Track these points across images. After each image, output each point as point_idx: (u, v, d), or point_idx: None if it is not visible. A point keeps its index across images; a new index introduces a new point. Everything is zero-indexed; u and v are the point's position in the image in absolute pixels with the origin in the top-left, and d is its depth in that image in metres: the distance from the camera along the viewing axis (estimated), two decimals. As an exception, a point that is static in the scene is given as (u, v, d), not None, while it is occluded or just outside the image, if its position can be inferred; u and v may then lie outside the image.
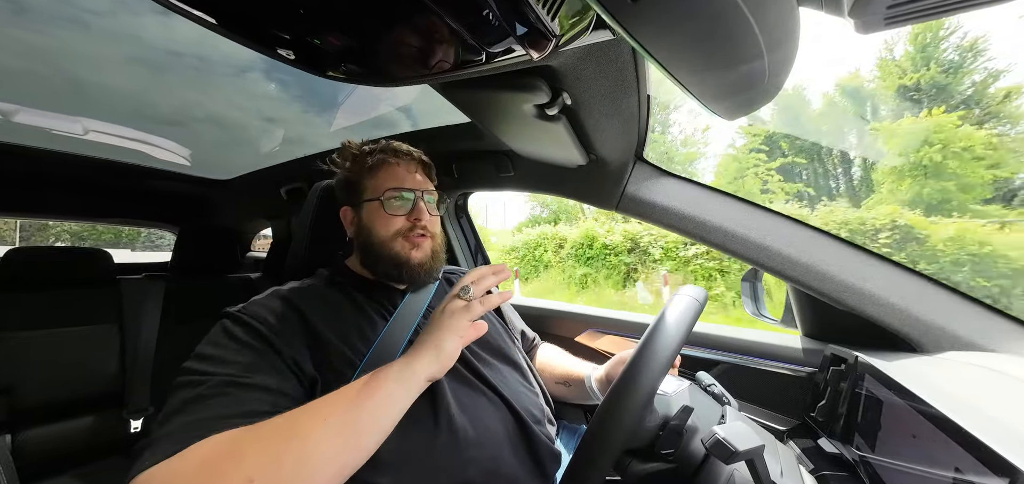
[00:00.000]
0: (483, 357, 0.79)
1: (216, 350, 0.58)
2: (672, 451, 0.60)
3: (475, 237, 1.73)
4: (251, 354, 0.58)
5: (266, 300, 0.68)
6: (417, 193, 0.79)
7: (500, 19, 0.43)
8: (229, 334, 0.60)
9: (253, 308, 0.65)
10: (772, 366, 0.98)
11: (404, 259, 0.76)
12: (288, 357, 0.60)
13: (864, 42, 19.11)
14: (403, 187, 0.78)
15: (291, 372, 0.59)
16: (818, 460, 0.74)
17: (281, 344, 0.60)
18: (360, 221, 0.79)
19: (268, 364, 0.58)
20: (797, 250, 0.85)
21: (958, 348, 0.72)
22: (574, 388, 0.91)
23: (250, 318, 0.62)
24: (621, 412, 0.52)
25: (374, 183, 0.78)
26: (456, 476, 0.62)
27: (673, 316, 0.59)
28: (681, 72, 0.43)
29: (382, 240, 0.76)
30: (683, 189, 0.97)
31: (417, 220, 0.77)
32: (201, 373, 0.54)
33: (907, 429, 0.55)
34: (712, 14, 0.35)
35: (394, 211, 0.76)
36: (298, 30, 0.49)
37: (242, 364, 0.56)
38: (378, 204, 0.76)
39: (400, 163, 0.81)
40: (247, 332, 0.60)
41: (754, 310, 1.07)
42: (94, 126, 1.43)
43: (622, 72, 0.68)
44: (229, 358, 0.56)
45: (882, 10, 0.35)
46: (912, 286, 0.78)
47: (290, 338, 0.62)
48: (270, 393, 0.54)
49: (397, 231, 0.76)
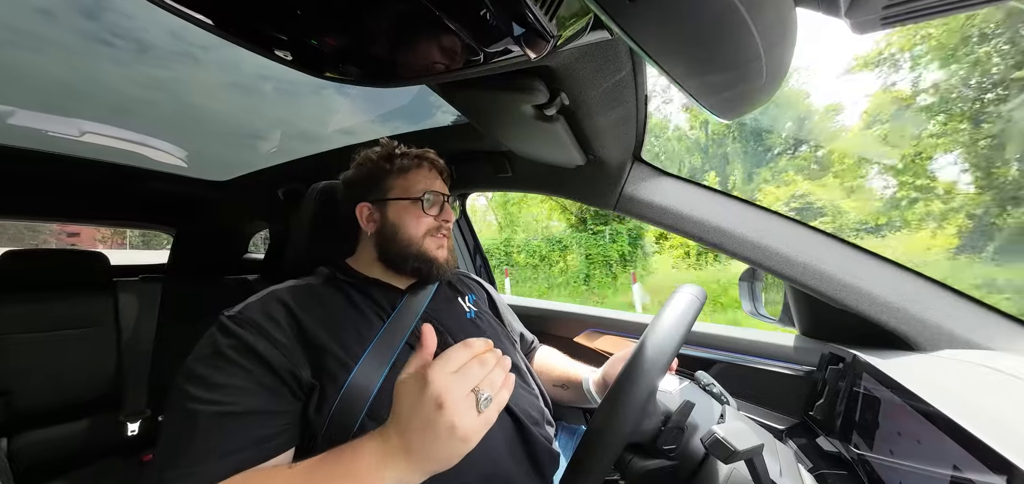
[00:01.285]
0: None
1: (207, 370, 0.57)
2: (673, 447, 0.60)
3: (474, 238, 1.73)
4: (241, 376, 0.57)
5: (261, 303, 0.67)
6: (446, 196, 0.86)
7: (498, 19, 0.43)
8: (219, 353, 0.59)
9: (247, 314, 0.64)
10: (770, 365, 0.99)
11: (432, 257, 0.81)
12: (281, 367, 0.59)
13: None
14: (438, 191, 0.84)
15: (284, 384, 0.59)
16: (816, 459, 0.74)
17: (273, 354, 0.60)
18: (384, 218, 0.82)
19: (257, 383, 0.57)
20: (794, 249, 0.85)
21: (955, 346, 0.72)
22: (572, 391, 0.91)
23: (242, 329, 0.61)
24: (621, 411, 0.53)
25: (405, 183, 0.83)
26: (454, 478, 0.61)
27: (672, 315, 0.59)
28: (679, 72, 0.43)
29: (411, 238, 0.80)
30: (681, 189, 0.97)
31: (446, 220, 0.84)
32: (193, 399, 0.54)
33: (905, 427, 0.56)
34: (710, 14, 0.35)
35: (428, 211, 0.82)
36: (295, 31, 0.49)
37: (233, 389, 0.55)
38: (412, 203, 0.81)
39: (433, 168, 0.87)
40: (237, 348, 0.59)
41: (752, 309, 1.07)
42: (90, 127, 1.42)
43: (620, 72, 0.68)
44: (220, 382, 0.56)
45: (878, 11, 0.35)
46: (909, 285, 0.79)
47: (284, 345, 0.61)
48: (261, 417, 0.55)
49: (428, 230, 0.82)
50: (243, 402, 0.55)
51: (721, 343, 1.07)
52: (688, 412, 0.60)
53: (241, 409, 0.54)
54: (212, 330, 0.63)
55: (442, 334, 0.78)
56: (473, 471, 0.63)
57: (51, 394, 1.49)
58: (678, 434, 0.60)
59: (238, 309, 0.65)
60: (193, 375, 0.57)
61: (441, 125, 1.25)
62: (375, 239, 0.82)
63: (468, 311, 0.89)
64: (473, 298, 0.94)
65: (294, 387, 0.60)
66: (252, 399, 0.56)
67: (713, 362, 1.07)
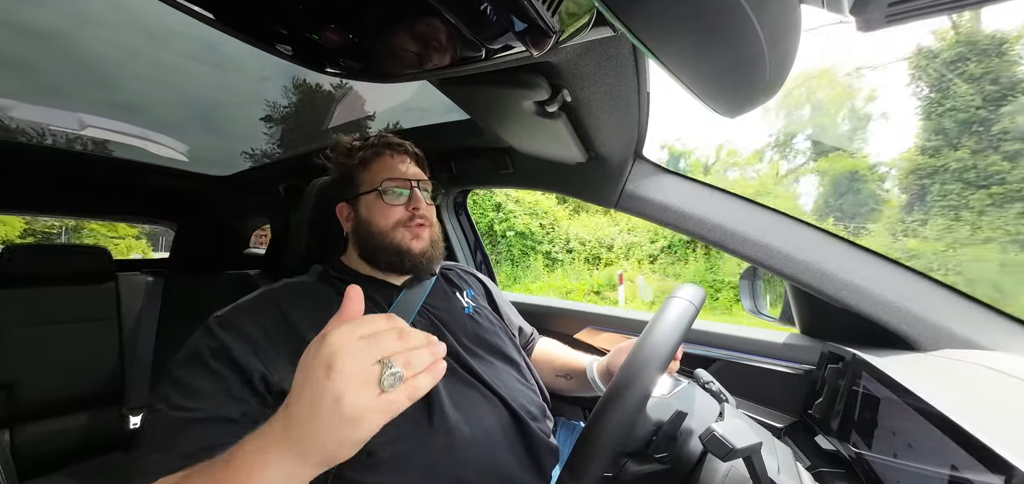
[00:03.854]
0: (478, 354, 0.79)
1: (184, 374, 0.58)
2: (666, 455, 0.60)
3: (474, 234, 1.73)
4: (212, 382, 0.57)
5: (251, 303, 0.67)
6: (413, 183, 0.80)
7: (500, 15, 0.42)
8: (198, 357, 0.59)
9: (233, 317, 0.64)
10: (770, 363, 0.99)
11: (405, 248, 0.77)
12: (255, 374, 0.59)
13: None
14: (400, 177, 0.79)
15: (254, 393, 0.58)
16: (815, 457, 0.74)
17: (250, 361, 0.59)
18: (358, 214, 0.80)
19: (226, 391, 0.57)
20: (795, 248, 0.85)
21: (955, 346, 0.72)
22: (576, 380, 0.91)
23: (225, 332, 0.61)
24: (619, 409, 0.53)
25: (369, 176, 0.80)
26: (452, 475, 0.62)
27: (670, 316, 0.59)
28: (681, 69, 0.43)
29: (382, 230, 0.77)
30: (682, 187, 0.97)
31: (416, 209, 0.78)
32: (169, 405, 0.55)
33: (904, 426, 0.56)
34: (713, 10, 0.35)
35: (392, 201, 0.78)
36: (297, 26, 0.49)
37: (202, 395, 0.56)
38: (376, 195, 0.78)
39: (394, 155, 0.82)
40: (216, 353, 0.59)
41: (753, 307, 1.07)
42: (92, 122, 1.42)
43: (622, 69, 0.68)
44: (196, 387, 0.56)
45: (883, 8, 0.35)
46: (909, 284, 0.79)
47: (264, 350, 0.61)
48: (222, 424, 0.54)
49: (397, 221, 0.78)
50: (208, 409, 0.55)
51: (721, 341, 1.08)
52: (680, 422, 0.61)
53: (204, 416, 0.54)
54: (200, 331, 0.63)
55: (440, 329, 0.78)
56: (470, 465, 0.63)
57: (54, 387, 1.50)
58: (670, 442, 0.60)
59: (226, 311, 0.66)
60: (173, 377, 0.58)
61: (441, 121, 1.25)
62: (354, 237, 0.81)
63: (466, 306, 0.88)
64: (471, 293, 0.94)
65: (264, 394, 0.59)
66: (217, 406, 0.55)
67: (713, 360, 1.07)
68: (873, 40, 17.06)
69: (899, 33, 9.97)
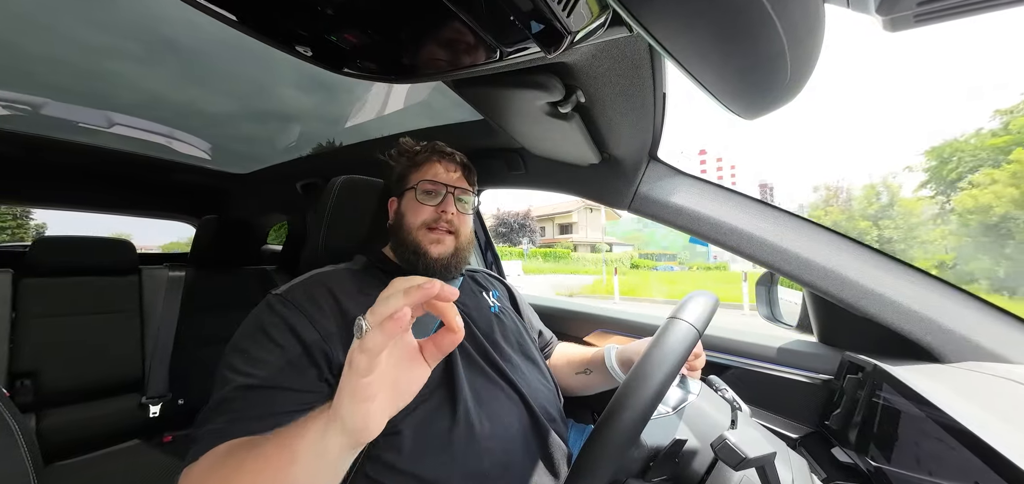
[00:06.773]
0: (504, 350, 0.80)
1: (252, 345, 0.61)
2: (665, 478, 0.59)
3: (485, 234, 1.74)
4: (276, 353, 0.60)
5: (304, 285, 0.71)
6: (449, 188, 0.82)
7: (515, 16, 0.43)
8: (262, 329, 0.62)
9: (292, 294, 0.68)
10: (786, 372, 0.96)
11: (424, 250, 0.79)
12: (315, 347, 0.62)
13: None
14: (436, 181, 0.82)
15: (313, 365, 0.61)
16: (832, 470, 0.72)
17: (311, 334, 0.62)
18: (399, 210, 0.84)
19: (287, 361, 0.60)
20: (814, 253, 0.83)
21: (980, 358, 0.69)
22: (596, 373, 0.90)
23: (286, 308, 0.65)
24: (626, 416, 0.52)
25: (416, 176, 0.84)
26: (472, 465, 0.63)
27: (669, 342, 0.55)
28: (698, 69, 0.42)
29: (408, 227, 0.80)
30: (697, 189, 0.95)
31: (443, 212, 0.80)
32: (235, 371, 0.58)
33: (925, 440, 0.54)
34: (732, 8, 0.34)
35: (425, 201, 0.80)
36: (316, 27, 0.49)
37: (264, 363, 0.59)
38: (412, 193, 0.81)
39: (442, 161, 0.85)
40: (278, 326, 0.63)
41: (769, 314, 1.05)
42: (119, 119, 1.47)
43: (638, 69, 0.67)
44: (262, 357, 0.59)
45: (912, 7, 0.34)
46: (933, 293, 0.76)
47: (323, 326, 0.64)
48: (284, 393, 0.57)
49: (423, 221, 0.80)
50: (271, 378, 0.57)
51: (735, 348, 1.06)
52: (678, 451, 0.60)
53: (268, 385, 0.57)
54: (260, 306, 0.67)
55: (467, 325, 0.80)
56: (487, 457, 0.64)
57: (78, 375, 1.55)
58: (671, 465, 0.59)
59: (285, 289, 0.69)
60: (237, 347, 0.62)
61: (454, 121, 1.25)
62: (391, 231, 0.85)
63: (492, 305, 0.91)
64: (496, 294, 0.97)
65: (324, 369, 0.61)
66: (279, 375, 0.58)
67: (727, 367, 1.05)
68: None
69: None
